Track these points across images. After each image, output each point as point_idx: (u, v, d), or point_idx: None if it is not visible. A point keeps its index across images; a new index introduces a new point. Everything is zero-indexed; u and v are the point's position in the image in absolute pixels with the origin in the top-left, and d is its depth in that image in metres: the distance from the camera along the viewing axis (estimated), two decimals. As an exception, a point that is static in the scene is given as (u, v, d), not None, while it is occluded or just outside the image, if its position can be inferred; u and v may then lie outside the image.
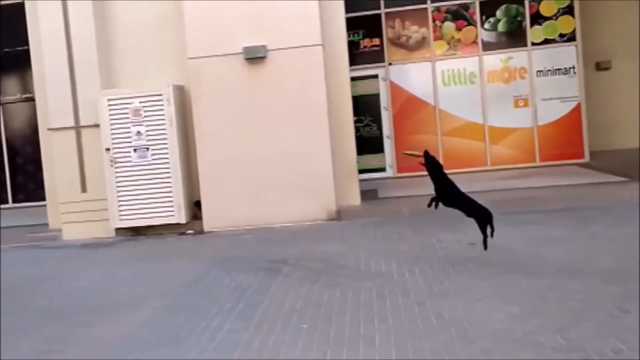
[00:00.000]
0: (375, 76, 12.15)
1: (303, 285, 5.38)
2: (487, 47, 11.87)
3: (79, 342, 4.50)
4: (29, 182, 13.46)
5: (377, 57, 12.10)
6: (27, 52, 10.00)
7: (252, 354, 3.93)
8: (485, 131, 11.84)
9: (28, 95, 13.23)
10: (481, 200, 8.38)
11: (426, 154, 5.60)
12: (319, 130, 8.66)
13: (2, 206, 13.31)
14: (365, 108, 11.90)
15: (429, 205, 5.63)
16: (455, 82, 11.97)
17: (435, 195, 5.59)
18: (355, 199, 9.01)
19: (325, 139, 8.67)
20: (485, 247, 5.39)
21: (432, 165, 5.53)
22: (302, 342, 4.03)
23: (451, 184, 5.56)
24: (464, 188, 9.50)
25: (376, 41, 12.14)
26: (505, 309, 4.26)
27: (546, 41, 11.73)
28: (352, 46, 11.33)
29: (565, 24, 11.69)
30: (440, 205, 5.68)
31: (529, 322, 3.98)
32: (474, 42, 11.91)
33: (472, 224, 7.27)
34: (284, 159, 8.67)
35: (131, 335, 4.53)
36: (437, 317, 4.23)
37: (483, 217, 5.42)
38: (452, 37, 11.97)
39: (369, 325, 4.21)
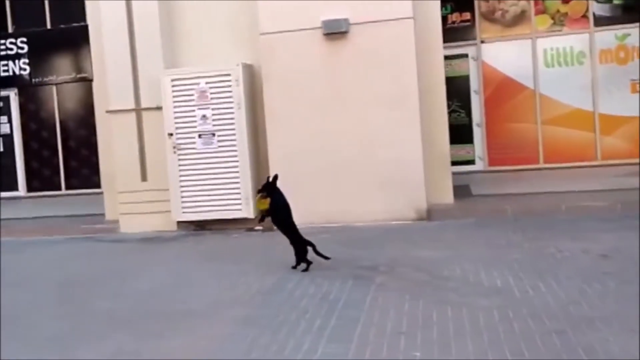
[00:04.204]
0: (465, 55, 11.56)
1: (404, 300, 4.88)
2: (600, 22, 11.06)
3: (150, 358, 4.14)
4: (82, 168, 13.51)
5: (467, 33, 11.52)
6: (83, 28, 9.91)
7: (358, 389, 3.46)
8: (596, 120, 11.06)
9: (83, 75, 13.23)
10: (600, 201, 7.78)
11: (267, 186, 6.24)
12: (408, 117, 8.13)
13: (54, 192, 13.39)
14: (452, 91, 11.17)
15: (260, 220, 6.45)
16: (560, 63, 11.22)
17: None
18: (447, 196, 8.44)
19: (416, 126, 8.14)
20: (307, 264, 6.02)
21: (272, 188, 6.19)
22: (419, 376, 3.54)
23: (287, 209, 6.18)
24: (572, 185, 8.93)
25: (466, 16, 11.53)
26: (677, 345, 3.63)
27: (672, 15, 10.85)
28: (439, 21, 10.75)
29: (695, -5, 10.78)
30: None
31: None
32: (584, 16, 11.12)
33: (599, 230, 6.69)
34: (367, 148, 8.19)
35: (209, 353, 4.13)
36: (588, 351, 3.63)
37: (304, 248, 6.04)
38: (558, 11, 11.21)
39: (499, 358, 3.66)
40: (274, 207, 6.14)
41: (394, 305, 4.77)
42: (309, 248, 6.06)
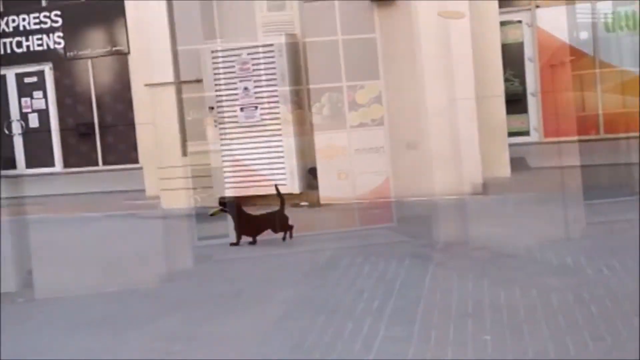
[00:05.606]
0: (518, 21, 11.22)
1: (467, 280, 4.73)
2: (666, -18, 10.59)
3: (202, 343, 4.06)
4: (119, 143, 13.56)
5: (520, -2, 11.18)
6: (118, 0, 9.84)
7: (426, 375, 3.34)
8: (661, 88, 10.65)
9: (118, 48, 13.24)
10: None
11: (223, 203, 6.65)
12: (461, 86, 7.91)
13: (92, 168, 13.50)
14: (505, 59, 10.81)
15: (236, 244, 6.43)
16: (621, 28, 10.83)
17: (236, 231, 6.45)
18: (504, 170, 8.25)
19: (470, 96, 7.91)
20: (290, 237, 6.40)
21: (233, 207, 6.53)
22: (492, 362, 3.40)
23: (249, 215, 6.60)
24: (636, 157, 8.58)
25: (520, -21, 11.19)
26: None
27: None
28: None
29: None
30: None
31: None
32: (648, -23, 10.67)
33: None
34: (417, 119, 8.00)
35: (263, 337, 4.04)
36: (676, 336, 3.46)
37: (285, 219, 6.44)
38: (619, -28, 10.81)
39: (578, 343, 3.49)
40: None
41: (456, 285, 4.64)
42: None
